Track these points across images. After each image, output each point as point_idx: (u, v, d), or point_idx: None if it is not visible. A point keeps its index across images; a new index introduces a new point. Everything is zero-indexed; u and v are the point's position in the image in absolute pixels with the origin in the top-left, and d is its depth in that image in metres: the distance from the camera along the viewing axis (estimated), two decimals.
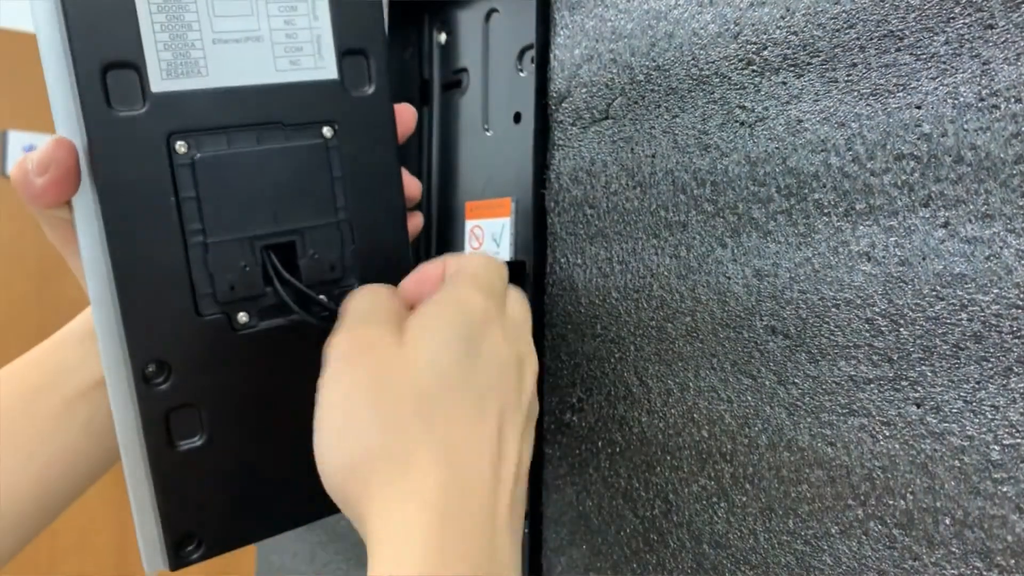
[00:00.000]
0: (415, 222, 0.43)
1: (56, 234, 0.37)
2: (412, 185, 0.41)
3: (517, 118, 0.48)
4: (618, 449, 0.42)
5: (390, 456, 0.31)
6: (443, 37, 0.54)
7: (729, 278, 0.37)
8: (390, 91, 0.39)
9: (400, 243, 0.40)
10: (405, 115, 0.41)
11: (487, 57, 0.51)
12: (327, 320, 0.36)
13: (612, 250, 0.42)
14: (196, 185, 0.34)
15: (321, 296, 0.37)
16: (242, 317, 0.36)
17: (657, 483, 0.40)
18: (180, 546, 0.37)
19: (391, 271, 0.38)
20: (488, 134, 0.51)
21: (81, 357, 0.41)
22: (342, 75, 0.38)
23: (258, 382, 0.37)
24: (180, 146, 0.34)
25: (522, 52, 0.48)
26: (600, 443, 0.43)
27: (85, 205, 0.34)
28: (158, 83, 0.33)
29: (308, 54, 0.37)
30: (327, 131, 0.37)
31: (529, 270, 0.46)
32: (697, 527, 0.38)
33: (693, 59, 0.38)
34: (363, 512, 0.31)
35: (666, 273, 0.39)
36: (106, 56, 0.32)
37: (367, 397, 0.32)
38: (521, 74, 0.48)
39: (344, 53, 0.38)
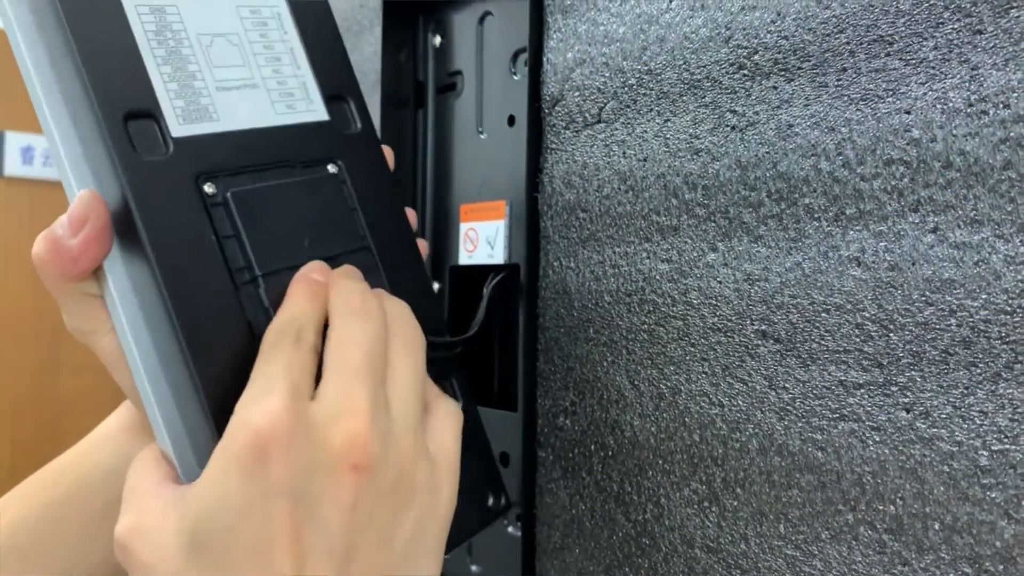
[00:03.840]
0: (422, 247, 0.43)
1: (81, 315, 0.34)
2: (409, 214, 0.42)
3: (511, 121, 0.48)
4: (610, 453, 0.42)
5: None
6: (437, 40, 0.54)
7: (720, 282, 0.37)
8: (374, 129, 0.41)
9: (418, 266, 0.42)
10: (386, 153, 0.42)
11: (481, 60, 0.51)
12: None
13: (604, 254, 0.42)
14: (233, 222, 0.35)
15: None
16: None
17: (649, 487, 0.40)
18: None
19: (416, 293, 0.39)
20: (482, 137, 0.51)
21: (119, 459, 0.39)
22: (332, 116, 0.40)
23: None
24: (208, 187, 0.34)
25: (515, 55, 0.48)
26: (592, 447, 0.43)
27: (118, 264, 0.33)
28: (177, 128, 0.34)
29: (299, 99, 0.39)
30: (332, 168, 0.39)
31: (522, 274, 0.46)
32: (689, 531, 0.38)
33: (684, 63, 0.38)
34: None
35: (658, 277, 0.39)
36: (126, 105, 0.33)
37: None
38: (514, 77, 0.48)
39: (329, 98, 0.40)
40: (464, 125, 0.52)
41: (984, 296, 0.28)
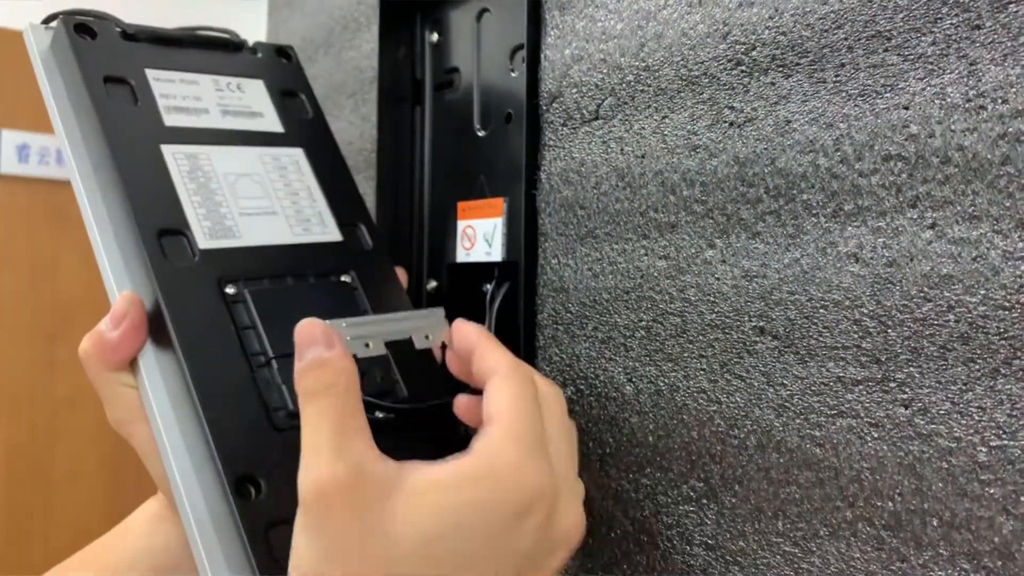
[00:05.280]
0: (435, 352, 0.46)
1: (121, 406, 0.39)
2: None
3: (508, 118, 0.48)
4: (608, 450, 0.42)
5: None
6: (435, 37, 0.54)
7: (718, 279, 0.36)
8: (387, 248, 0.47)
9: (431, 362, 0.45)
10: (399, 273, 0.47)
11: (478, 57, 0.51)
12: (398, 415, 0.40)
13: (602, 251, 0.42)
14: (251, 315, 0.40)
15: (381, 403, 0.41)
16: None
17: (647, 484, 0.40)
18: None
19: (428, 384, 0.42)
20: (479, 134, 0.50)
21: (143, 546, 0.42)
22: (345, 238, 0.46)
23: None
24: (230, 288, 0.40)
25: (513, 52, 0.48)
26: (591, 444, 0.43)
27: (150, 356, 0.38)
28: (204, 242, 0.41)
29: (315, 224, 0.45)
30: (345, 277, 0.44)
31: (521, 271, 0.46)
32: (687, 529, 0.38)
33: (682, 59, 0.38)
34: None
35: (655, 274, 0.39)
36: (160, 224, 0.40)
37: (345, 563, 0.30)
38: (512, 74, 0.48)
39: (342, 224, 0.46)
40: (461, 122, 0.52)
41: (982, 292, 0.28)
